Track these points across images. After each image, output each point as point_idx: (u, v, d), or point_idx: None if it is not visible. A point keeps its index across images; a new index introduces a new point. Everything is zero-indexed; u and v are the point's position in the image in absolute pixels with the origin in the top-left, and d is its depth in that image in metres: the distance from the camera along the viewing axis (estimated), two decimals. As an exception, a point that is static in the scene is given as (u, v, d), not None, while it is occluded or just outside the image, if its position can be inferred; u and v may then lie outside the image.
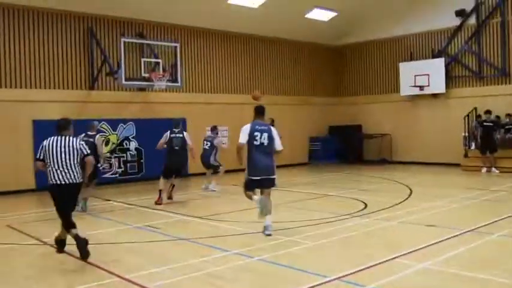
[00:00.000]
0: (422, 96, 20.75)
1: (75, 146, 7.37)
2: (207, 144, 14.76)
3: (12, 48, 15.11)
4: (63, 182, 7.23)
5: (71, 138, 7.44)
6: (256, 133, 8.51)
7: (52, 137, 7.42)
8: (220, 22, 19.34)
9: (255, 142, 8.49)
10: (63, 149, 7.29)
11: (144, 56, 16.97)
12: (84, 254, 7.01)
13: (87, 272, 6.55)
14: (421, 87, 20.45)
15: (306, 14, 20.62)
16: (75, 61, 16.35)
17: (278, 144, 8.84)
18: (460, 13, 19.78)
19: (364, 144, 22.98)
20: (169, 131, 12.61)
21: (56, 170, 7.23)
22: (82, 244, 7.03)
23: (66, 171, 7.25)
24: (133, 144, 17.29)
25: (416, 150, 21.04)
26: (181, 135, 12.46)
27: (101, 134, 12.74)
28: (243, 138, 8.49)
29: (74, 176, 7.29)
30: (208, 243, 7.91)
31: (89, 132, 11.84)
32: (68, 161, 7.26)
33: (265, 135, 8.58)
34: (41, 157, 7.38)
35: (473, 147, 18.57)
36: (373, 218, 9.58)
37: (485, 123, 17.59)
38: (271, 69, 21.80)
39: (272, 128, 8.93)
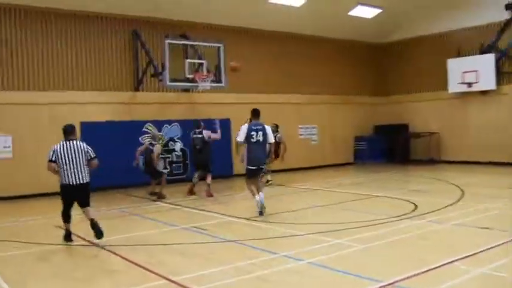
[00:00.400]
0: (472, 93, 20.12)
1: (83, 149, 8.41)
2: None
3: (60, 51, 15.41)
4: (74, 183, 8.32)
5: (78, 142, 8.50)
6: (252, 132, 10.38)
7: (61, 142, 8.41)
8: (263, 22, 19.25)
9: (252, 139, 10.37)
10: (73, 152, 8.31)
11: (188, 57, 17.02)
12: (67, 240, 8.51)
13: (134, 274, 6.53)
14: (470, 84, 19.83)
15: (349, 12, 20.29)
16: (121, 63, 16.55)
17: (271, 138, 10.70)
18: (510, 6, 19.07)
19: (411, 143, 22.47)
20: (192, 132, 13.83)
21: (68, 171, 8.27)
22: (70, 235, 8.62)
23: (77, 171, 8.31)
24: (178, 145, 17.36)
25: (466, 149, 20.41)
26: (200, 136, 13.44)
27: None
28: (242, 137, 10.41)
29: (83, 176, 8.39)
30: (255, 245, 7.79)
31: (153, 142, 13.83)
32: (77, 162, 8.30)
33: (260, 133, 10.44)
34: (53, 159, 8.32)
35: (526, 145, 17.89)
36: (424, 219, 9.26)
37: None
38: (315, 68, 21.52)
39: (266, 126, 10.68)
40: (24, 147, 14.51)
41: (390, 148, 22.38)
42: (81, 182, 8.36)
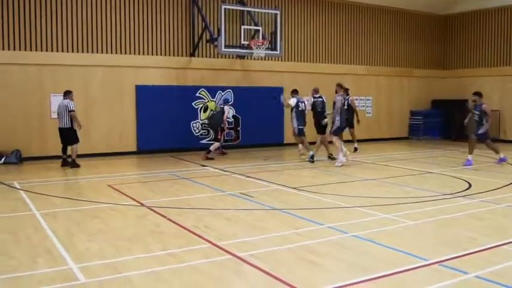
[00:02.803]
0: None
1: (65, 105, 12.78)
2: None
3: (118, 15, 15.56)
4: (61, 127, 12.94)
5: (67, 100, 12.83)
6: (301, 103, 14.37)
7: (60, 101, 13.08)
8: (322, -11, 18.83)
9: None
10: (62, 107, 12.86)
11: (244, 23, 16.88)
12: (68, 165, 12.95)
13: (181, 236, 6.63)
14: (538, 61, 18.89)
15: (413, -19, 19.57)
16: (177, 28, 16.60)
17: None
18: None
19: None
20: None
21: (59, 119, 12.94)
22: (67, 163, 13.00)
23: (62, 119, 12.85)
24: (231, 112, 17.36)
25: (528, 128, 19.60)
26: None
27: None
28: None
29: (65, 122, 12.82)
30: (301, 215, 7.75)
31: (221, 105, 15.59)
32: (63, 113, 12.81)
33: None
34: (58, 112, 13.09)
35: None
36: (478, 199, 8.97)
37: None
38: (373, 38, 20.99)
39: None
40: (78, 108, 14.73)
41: (447, 124, 21.70)
42: (64, 126, 12.85)
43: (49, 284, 4.90)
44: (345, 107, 14.06)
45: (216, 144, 15.08)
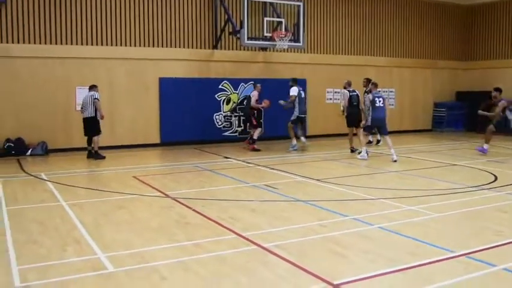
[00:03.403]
0: None
1: (91, 95, 13.03)
2: (380, 102, 12.93)
3: (141, 8, 15.64)
4: (84, 117, 13.09)
5: (92, 92, 13.11)
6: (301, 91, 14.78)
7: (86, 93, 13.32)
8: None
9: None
10: (87, 99, 13.08)
11: (266, 15, 16.83)
12: (92, 157, 13.12)
13: (206, 227, 6.69)
14: None
15: (437, -29, 19.30)
16: (200, 21, 16.63)
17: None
18: None
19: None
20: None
21: (83, 111, 13.12)
22: (92, 155, 13.13)
23: (87, 109, 13.02)
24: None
25: (555, 120, 19.22)
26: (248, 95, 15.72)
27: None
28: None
29: (89, 112, 13.00)
30: (326, 206, 7.75)
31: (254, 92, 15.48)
32: (88, 104, 13.01)
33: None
34: (82, 106, 13.31)
35: None
36: (504, 191, 8.87)
37: None
38: (395, 30, 20.78)
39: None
40: (102, 101, 14.83)
41: (472, 116, 21.38)
42: (88, 116, 13.01)
43: (78, 272, 4.99)
44: (380, 104, 12.77)
45: (258, 130, 15.27)
